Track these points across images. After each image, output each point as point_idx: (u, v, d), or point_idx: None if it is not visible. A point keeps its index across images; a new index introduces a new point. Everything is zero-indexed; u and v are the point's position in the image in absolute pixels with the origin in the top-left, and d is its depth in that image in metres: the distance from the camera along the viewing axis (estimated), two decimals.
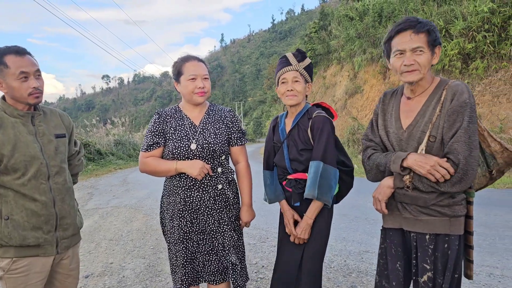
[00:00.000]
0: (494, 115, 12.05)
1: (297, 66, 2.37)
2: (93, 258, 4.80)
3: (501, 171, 1.97)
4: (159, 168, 2.35)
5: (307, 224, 2.30)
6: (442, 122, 1.79)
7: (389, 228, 2.01)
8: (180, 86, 2.38)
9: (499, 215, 5.74)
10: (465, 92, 1.77)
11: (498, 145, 1.90)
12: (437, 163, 1.72)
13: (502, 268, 3.70)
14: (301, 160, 2.36)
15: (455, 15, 14.26)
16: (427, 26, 1.81)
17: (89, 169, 16.08)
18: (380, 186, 1.97)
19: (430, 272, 1.81)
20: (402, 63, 1.84)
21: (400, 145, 1.92)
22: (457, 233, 1.81)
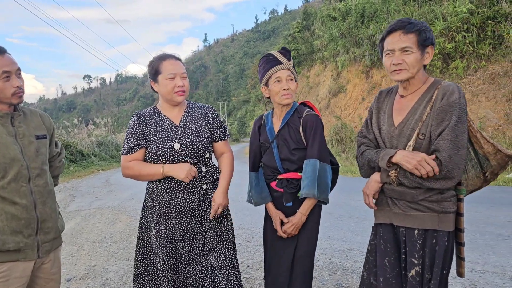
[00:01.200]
0: (474, 114, 12.29)
1: (287, 64, 2.35)
2: (76, 261, 4.72)
3: (495, 173, 1.99)
4: (144, 171, 2.29)
5: (300, 221, 2.29)
6: (432, 121, 1.82)
7: (380, 224, 2.03)
8: (159, 85, 2.32)
9: (479, 211, 5.85)
10: (456, 92, 1.79)
11: (491, 147, 1.92)
12: (424, 159, 1.75)
13: (483, 264, 3.77)
14: (293, 160, 2.34)
15: (435, 15, 14.51)
16: (417, 27, 1.84)
17: (71, 170, 15.83)
18: (369, 181, 2.01)
19: (418, 267, 1.83)
20: (391, 62, 1.89)
21: (391, 142, 1.95)
22: (446, 229, 1.83)
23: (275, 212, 2.39)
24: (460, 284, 3.32)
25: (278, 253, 2.40)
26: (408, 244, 1.88)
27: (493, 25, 12.46)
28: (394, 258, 1.95)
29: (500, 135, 10.96)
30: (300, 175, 2.32)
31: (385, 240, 1.99)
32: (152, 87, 2.40)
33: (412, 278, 1.84)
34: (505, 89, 11.77)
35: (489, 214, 5.64)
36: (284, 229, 2.32)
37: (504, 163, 1.94)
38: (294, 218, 2.30)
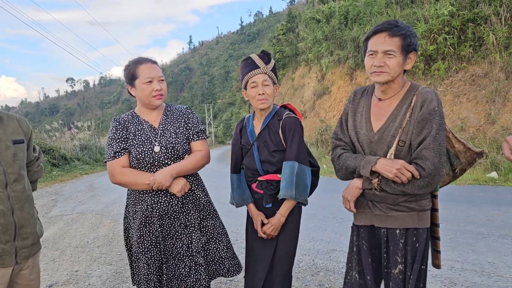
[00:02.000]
0: (455, 115, 12.50)
1: (265, 68, 2.35)
2: (58, 267, 4.65)
3: (464, 170, 2.08)
4: (139, 180, 2.25)
5: (279, 222, 2.32)
6: (412, 128, 1.85)
7: (361, 225, 2.07)
8: (136, 90, 2.31)
9: (460, 210, 5.96)
10: (434, 100, 1.83)
11: (462, 146, 2.00)
12: (403, 166, 1.79)
13: (462, 262, 3.84)
14: (273, 162, 2.36)
15: (417, 17, 14.73)
16: (403, 31, 1.84)
17: (54, 175, 15.59)
18: (349, 187, 2.02)
19: (401, 265, 1.89)
20: (372, 63, 1.88)
21: (371, 147, 1.96)
22: (425, 226, 1.90)
23: (256, 213, 2.41)
24: (440, 282, 3.38)
25: (257, 253, 2.42)
26: (391, 244, 1.92)
27: (473, 27, 12.71)
28: (374, 256, 2.02)
29: (481, 135, 11.17)
30: (279, 177, 2.34)
31: (367, 241, 2.04)
32: (129, 91, 2.38)
33: (396, 276, 1.90)
34: (485, 90, 12.01)
35: (469, 213, 5.75)
36: (263, 230, 2.35)
37: (473, 160, 2.03)
38: (273, 219, 2.33)
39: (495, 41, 12.02)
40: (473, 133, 11.49)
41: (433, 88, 13.76)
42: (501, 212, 5.65)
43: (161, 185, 2.22)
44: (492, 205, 6.18)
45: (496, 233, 4.69)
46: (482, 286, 3.26)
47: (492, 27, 12.26)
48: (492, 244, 4.30)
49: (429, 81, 13.96)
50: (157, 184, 2.21)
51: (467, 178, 9.08)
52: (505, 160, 9.33)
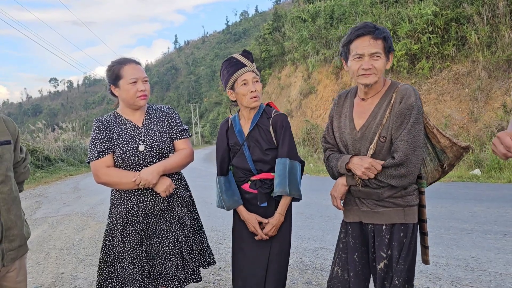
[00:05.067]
0: (440, 113, 12.69)
1: (251, 66, 2.36)
2: (43, 269, 4.59)
3: (452, 165, 2.13)
4: (125, 179, 2.24)
5: (279, 221, 2.32)
6: (391, 124, 1.91)
7: (349, 222, 2.11)
8: (120, 90, 2.31)
9: (445, 207, 6.05)
10: (412, 95, 1.89)
11: (447, 141, 2.05)
12: (371, 165, 1.86)
13: (447, 257, 3.90)
14: (267, 160, 2.36)
15: (401, 17, 14.90)
16: (384, 33, 1.92)
17: (37, 176, 15.35)
18: (335, 185, 2.09)
19: (386, 260, 1.94)
20: (360, 66, 1.92)
21: (354, 145, 2.02)
22: (412, 221, 1.94)
23: (250, 215, 2.38)
24: (425, 277, 3.43)
25: (252, 254, 2.40)
26: (377, 239, 1.97)
27: (456, 27, 12.91)
28: (361, 252, 2.07)
29: (464, 133, 11.36)
30: (273, 175, 2.35)
31: (354, 237, 2.08)
32: (112, 92, 2.37)
33: (380, 270, 1.95)
34: (468, 89, 12.21)
35: (454, 210, 5.85)
36: (265, 232, 2.33)
37: (460, 154, 2.07)
38: (273, 219, 2.32)
39: (478, 40, 12.23)
40: (457, 130, 11.68)
41: (418, 87, 13.94)
42: (484, 208, 5.76)
43: (147, 183, 2.21)
44: (475, 202, 6.30)
45: (479, 229, 4.77)
46: (466, 280, 3.32)
47: (474, 27, 12.47)
48: (476, 240, 4.38)
49: (414, 80, 14.14)
50: (144, 181, 2.21)
51: (451, 176, 9.22)
52: (488, 157, 9.50)
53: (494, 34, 12.04)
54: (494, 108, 11.11)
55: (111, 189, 2.42)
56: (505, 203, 6.06)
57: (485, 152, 9.89)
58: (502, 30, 11.75)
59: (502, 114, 10.50)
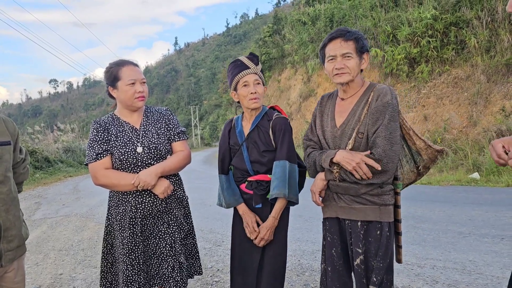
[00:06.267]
0: (439, 116, 12.71)
1: (255, 69, 2.40)
2: (41, 270, 4.60)
3: (427, 167, 2.20)
4: (123, 181, 2.26)
5: (273, 225, 2.33)
6: (368, 120, 2.00)
7: (327, 218, 2.19)
8: (118, 91, 2.33)
9: (443, 210, 6.06)
10: (388, 94, 2.00)
11: (423, 143, 2.13)
12: (362, 160, 1.92)
13: (444, 260, 3.91)
14: (263, 162, 2.39)
15: (401, 21, 14.94)
16: (355, 35, 2.04)
17: (37, 177, 15.36)
18: (315, 180, 2.16)
19: (362, 256, 2.01)
20: (333, 67, 2.05)
21: (334, 142, 2.11)
22: (387, 220, 2.02)
23: (248, 210, 2.41)
24: (423, 280, 3.44)
25: (248, 254, 2.43)
26: (353, 235, 2.04)
27: (455, 31, 12.95)
28: (340, 248, 2.13)
29: (463, 137, 11.38)
30: (269, 177, 2.36)
31: (332, 233, 2.15)
32: (110, 93, 2.39)
33: (357, 266, 2.02)
34: (467, 93, 12.24)
35: (452, 213, 5.86)
36: (260, 236, 2.34)
37: (434, 157, 2.15)
38: (267, 222, 2.34)
39: (477, 45, 12.27)
40: (456, 134, 11.69)
41: (417, 90, 13.99)
42: (482, 212, 5.77)
43: (146, 184, 2.23)
44: (473, 205, 6.31)
45: (477, 232, 4.79)
46: (463, 283, 3.34)
47: (473, 31, 12.51)
48: (473, 243, 4.39)
49: (413, 84, 14.17)
50: (142, 183, 2.22)
51: (450, 179, 9.24)
52: (487, 161, 9.52)
53: (493, 38, 12.07)
54: (493, 112, 11.14)
55: (109, 190, 2.44)
56: (503, 207, 6.08)
57: (484, 156, 9.90)
58: (501, 35, 11.79)
59: (501, 118, 10.52)
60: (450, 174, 9.93)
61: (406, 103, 14.16)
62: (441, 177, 9.73)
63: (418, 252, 4.17)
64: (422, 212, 5.94)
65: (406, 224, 5.13)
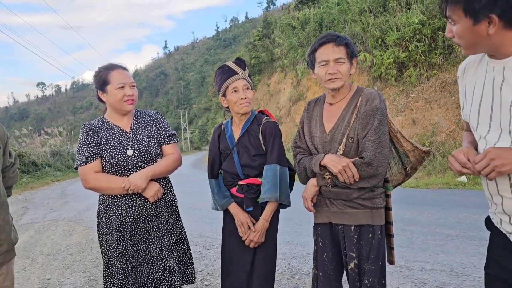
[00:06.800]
0: (427, 120, 12.86)
1: (243, 74, 2.42)
2: (29, 275, 4.54)
3: (414, 168, 2.24)
4: (113, 184, 2.26)
5: (264, 227, 2.35)
6: (358, 125, 2.02)
7: (319, 223, 2.19)
8: (107, 95, 2.33)
9: (431, 213, 6.13)
10: (377, 98, 2.03)
11: (410, 145, 2.16)
12: (349, 165, 1.93)
13: (432, 263, 3.96)
14: (254, 166, 2.41)
15: (389, 25, 15.09)
16: (345, 40, 2.06)
17: (24, 182, 15.15)
18: (307, 186, 2.17)
19: (355, 260, 2.02)
20: (326, 71, 2.04)
21: (324, 147, 2.11)
22: (379, 223, 2.04)
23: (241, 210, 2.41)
24: (411, 282, 3.48)
25: (237, 257, 2.44)
26: (346, 240, 2.05)
27: (443, 36, 13.12)
28: (332, 253, 2.14)
29: (451, 140, 11.52)
30: (260, 181, 2.39)
31: (324, 238, 2.16)
32: (100, 97, 2.39)
33: (351, 270, 2.03)
34: (455, 97, 12.39)
35: (440, 216, 5.93)
36: (250, 239, 2.36)
37: (421, 158, 2.19)
38: (258, 225, 2.35)
39: None
40: (444, 138, 11.83)
41: (405, 94, 14.13)
42: (469, 215, 5.84)
43: (136, 188, 2.23)
44: (461, 208, 6.39)
45: (464, 235, 4.85)
46: (450, 285, 3.38)
47: None
48: (461, 245, 4.45)
49: (402, 88, 14.32)
50: (133, 186, 2.22)
51: (438, 182, 9.35)
52: None
53: None
54: None
55: (99, 194, 2.43)
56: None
57: None
58: None
59: None
60: (439, 177, 10.04)
61: (395, 107, 14.30)
62: (430, 180, 9.84)
63: (407, 255, 4.21)
64: (411, 215, 6.00)
65: (395, 227, 5.05)
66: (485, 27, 1.26)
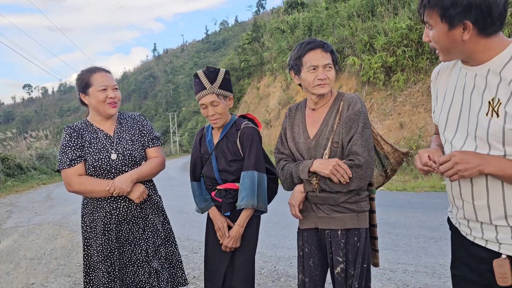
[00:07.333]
0: (414, 124, 13.01)
1: (211, 88, 2.34)
2: (12, 279, 4.48)
3: (394, 170, 2.29)
4: (98, 188, 2.25)
5: (238, 233, 2.36)
6: (342, 129, 2.04)
7: (305, 229, 2.19)
8: (89, 98, 2.32)
9: (416, 216, 6.20)
10: (358, 102, 2.06)
11: (390, 147, 2.21)
12: (337, 163, 1.95)
13: (415, 265, 4.01)
14: (231, 171, 2.41)
15: (377, 30, 15.27)
16: (331, 47, 2.10)
17: (8, 185, 14.92)
18: (293, 193, 2.16)
19: (342, 264, 2.03)
20: (315, 77, 2.05)
21: (309, 153, 2.11)
22: (364, 226, 2.07)
23: (219, 214, 2.43)
24: (394, 284, 3.52)
25: (214, 261, 2.47)
26: (333, 244, 2.06)
27: None
28: (318, 258, 2.14)
29: None
30: (237, 186, 2.39)
31: (310, 243, 2.16)
32: (82, 99, 2.38)
33: (337, 275, 2.04)
34: None
35: (424, 219, 5.99)
36: (225, 244, 2.37)
37: (401, 160, 2.24)
38: (232, 231, 2.37)
39: None
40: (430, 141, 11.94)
41: (393, 98, 14.29)
42: None
43: (121, 191, 2.23)
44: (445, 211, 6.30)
45: (447, 237, 4.80)
46: (432, 287, 3.42)
47: None
48: (444, 248, 4.50)
49: (389, 92, 14.47)
50: (118, 190, 2.22)
51: (423, 186, 9.44)
52: None
53: None
54: None
55: (82, 197, 2.41)
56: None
57: None
58: None
59: None
60: (425, 180, 10.15)
61: (383, 111, 14.45)
62: (416, 183, 9.94)
63: (391, 257, 4.26)
64: (396, 218, 6.05)
65: (380, 229, 5.07)
66: (459, 33, 1.30)
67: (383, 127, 14.01)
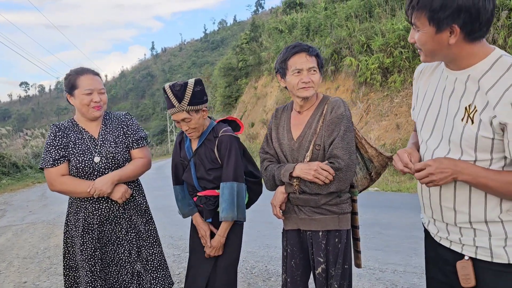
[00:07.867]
0: (410, 125, 13.03)
1: (179, 107, 2.26)
2: (4, 278, 4.48)
3: (378, 173, 2.30)
4: (79, 189, 2.26)
5: (219, 243, 2.37)
6: (324, 132, 2.05)
7: (288, 230, 2.22)
8: (75, 99, 2.32)
9: (409, 217, 6.20)
10: (342, 106, 2.08)
11: (374, 151, 2.21)
12: (319, 166, 1.96)
13: (405, 265, 4.03)
14: (210, 179, 2.41)
15: (375, 31, 15.30)
16: (316, 51, 2.12)
17: (3, 183, 14.90)
18: (275, 193, 2.18)
19: (323, 265, 2.05)
20: (299, 80, 2.07)
21: (292, 155, 2.14)
22: (345, 228, 2.09)
23: (202, 221, 2.46)
24: (383, 284, 3.54)
25: (196, 266, 2.48)
26: (314, 245, 2.09)
27: None
28: (299, 259, 2.17)
29: None
30: (217, 192, 2.39)
31: (292, 244, 2.19)
32: (68, 100, 2.39)
33: (319, 275, 2.07)
34: None
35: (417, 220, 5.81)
36: (207, 253, 2.39)
37: (385, 163, 2.25)
38: (213, 241, 2.38)
39: None
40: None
41: (390, 99, 14.31)
42: None
43: (102, 193, 2.23)
44: None
45: None
46: (420, 287, 3.44)
47: None
48: None
49: (386, 93, 14.50)
50: (98, 191, 2.22)
51: None
52: None
53: None
54: None
55: (69, 197, 2.43)
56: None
57: None
58: None
59: None
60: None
61: (379, 111, 14.47)
62: (411, 184, 9.96)
63: (381, 257, 4.28)
64: (389, 219, 6.06)
65: (372, 230, 5.26)
66: (446, 36, 1.31)
67: (380, 128, 14.04)
